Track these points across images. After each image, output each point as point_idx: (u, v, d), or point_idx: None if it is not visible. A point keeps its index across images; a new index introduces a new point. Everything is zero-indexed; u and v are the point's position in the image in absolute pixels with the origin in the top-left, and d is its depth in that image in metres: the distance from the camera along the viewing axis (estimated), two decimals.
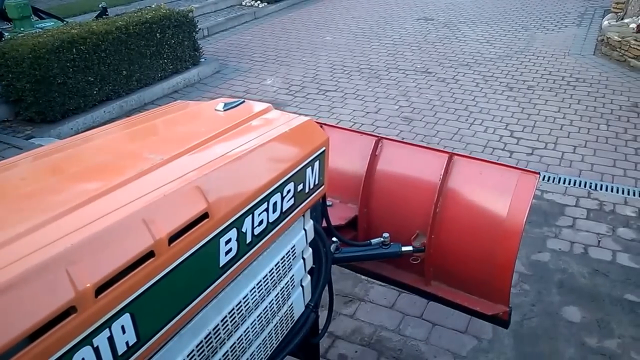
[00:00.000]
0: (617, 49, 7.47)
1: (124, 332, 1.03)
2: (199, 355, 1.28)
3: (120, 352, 1.03)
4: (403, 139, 5.28)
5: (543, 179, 4.54)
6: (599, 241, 3.73)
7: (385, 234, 2.39)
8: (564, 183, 4.48)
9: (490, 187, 2.34)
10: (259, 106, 1.77)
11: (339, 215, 2.49)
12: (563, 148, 5.10)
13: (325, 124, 2.77)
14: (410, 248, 2.41)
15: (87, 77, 5.69)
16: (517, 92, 6.51)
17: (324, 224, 2.19)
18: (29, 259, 0.93)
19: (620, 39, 7.42)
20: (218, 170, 1.32)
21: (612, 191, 4.35)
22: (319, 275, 1.99)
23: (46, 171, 1.38)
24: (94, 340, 0.97)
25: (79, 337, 0.94)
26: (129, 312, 1.03)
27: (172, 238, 1.13)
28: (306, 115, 2.06)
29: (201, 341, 1.29)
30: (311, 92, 6.71)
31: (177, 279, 1.14)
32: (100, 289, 0.98)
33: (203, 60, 7.61)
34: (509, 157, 4.95)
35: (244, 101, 1.80)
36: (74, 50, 5.47)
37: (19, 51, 5.17)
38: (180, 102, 1.95)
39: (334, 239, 2.26)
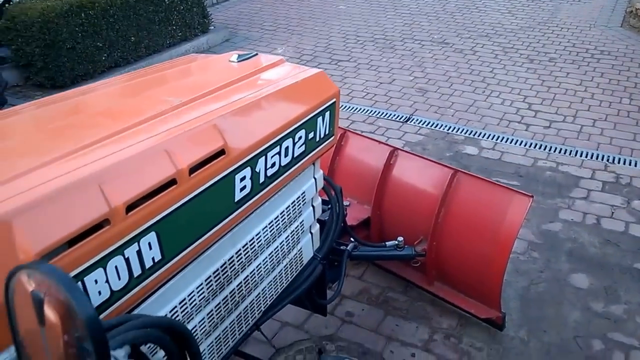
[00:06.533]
0: None
1: (150, 248, 1.20)
2: (215, 282, 1.46)
3: (147, 266, 1.20)
4: (416, 110, 5.43)
5: (559, 152, 4.65)
6: (613, 213, 3.85)
7: (400, 238, 2.73)
8: (580, 156, 4.59)
9: (487, 204, 2.67)
10: (272, 58, 1.93)
11: (353, 215, 2.87)
12: (582, 121, 5.19)
13: (347, 130, 3.18)
14: (413, 252, 2.77)
15: (96, 43, 5.87)
16: (538, 64, 6.57)
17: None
18: (71, 176, 1.10)
19: None
20: (234, 113, 1.49)
21: (630, 165, 4.45)
22: (329, 229, 2.17)
23: (78, 109, 1.55)
24: (125, 251, 1.14)
25: (112, 247, 1.11)
26: (155, 230, 1.20)
27: (192, 169, 1.29)
28: None
29: (217, 269, 1.46)
30: (323, 62, 6.82)
31: (196, 207, 1.31)
32: (130, 207, 1.14)
33: (212, 28, 7.74)
34: (525, 130, 5.05)
35: (257, 54, 1.95)
36: (83, 14, 5.65)
37: (28, 15, 5.35)
38: (194, 55, 2.10)
39: (352, 239, 2.60)
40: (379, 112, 5.44)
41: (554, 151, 4.67)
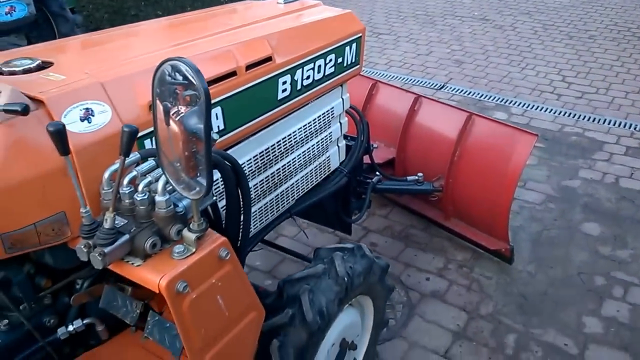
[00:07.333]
0: None
1: (217, 118, 1.70)
2: (261, 161, 1.96)
3: (214, 131, 1.71)
4: (450, 79, 5.83)
5: (587, 120, 4.98)
6: (632, 173, 4.19)
7: (420, 174, 3.21)
8: (608, 124, 4.91)
9: (497, 143, 3.05)
10: (311, 1, 2.43)
11: (380, 156, 3.35)
12: (615, 93, 5.49)
13: (378, 81, 3.67)
14: (431, 187, 3.21)
15: (156, 11, 6.55)
16: (577, 40, 6.84)
17: (368, 160, 3.00)
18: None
19: None
20: (280, 33, 1.98)
21: None
22: (354, 150, 2.65)
23: (162, 28, 2.11)
24: None
25: None
26: (220, 106, 1.70)
27: (248, 67, 1.79)
28: None
29: (262, 151, 1.96)
30: None
31: (249, 96, 1.80)
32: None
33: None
34: (557, 99, 5.39)
35: None
36: None
37: None
38: (244, 2, 2.62)
39: (377, 173, 3.06)
40: (415, 80, 5.87)
41: (583, 119, 5.00)
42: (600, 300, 3.02)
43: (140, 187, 1.33)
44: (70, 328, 1.62)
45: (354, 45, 2.31)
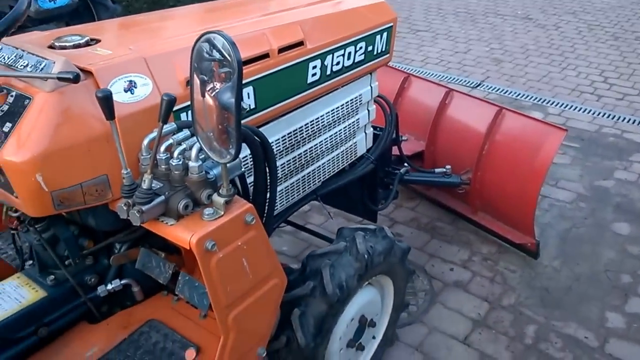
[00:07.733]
0: None
1: (248, 97, 1.84)
2: (289, 142, 2.09)
3: (245, 110, 1.84)
4: (487, 77, 5.86)
5: (627, 121, 4.94)
6: None
7: (448, 166, 3.28)
8: None
9: (526, 137, 3.10)
10: None
11: (410, 148, 3.42)
12: None
13: (411, 74, 3.75)
14: (459, 180, 3.26)
15: (194, 2, 6.75)
16: (623, 41, 6.75)
17: (396, 152, 3.09)
18: None
19: None
20: (313, 19, 2.11)
21: None
22: (382, 139, 2.75)
23: (203, 10, 2.29)
24: None
25: None
26: (252, 85, 1.84)
27: (280, 50, 1.92)
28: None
29: (290, 132, 2.09)
30: (402, 30, 7.33)
31: (280, 78, 1.94)
32: None
33: None
34: (597, 100, 5.36)
35: None
36: None
37: None
38: None
39: (405, 164, 3.15)
40: (451, 78, 5.91)
41: (622, 120, 4.96)
42: (625, 297, 3.04)
43: (175, 154, 1.47)
44: (110, 287, 1.79)
45: (384, 34, 2.41)
